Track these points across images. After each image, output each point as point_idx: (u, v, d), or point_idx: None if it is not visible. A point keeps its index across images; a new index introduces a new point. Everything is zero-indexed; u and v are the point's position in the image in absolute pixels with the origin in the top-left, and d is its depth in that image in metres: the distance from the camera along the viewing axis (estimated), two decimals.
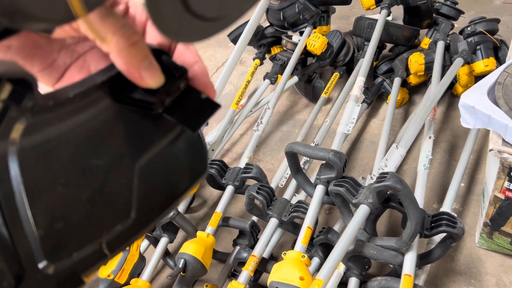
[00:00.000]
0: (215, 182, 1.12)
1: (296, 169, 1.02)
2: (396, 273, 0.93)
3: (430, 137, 1.06)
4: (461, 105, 0.92)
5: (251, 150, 1.17)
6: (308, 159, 1.16)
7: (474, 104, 0.89)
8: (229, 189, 1.06)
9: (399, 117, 1.46)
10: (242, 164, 1.12)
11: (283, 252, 0.85)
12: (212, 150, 1.24)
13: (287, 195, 1.04)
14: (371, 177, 1.05)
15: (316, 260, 0.97)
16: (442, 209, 1.02)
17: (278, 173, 1.22)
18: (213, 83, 0.28)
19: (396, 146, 0.99)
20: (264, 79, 1.48)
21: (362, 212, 0.84)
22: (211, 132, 1.34)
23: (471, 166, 1.25)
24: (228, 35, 1.61)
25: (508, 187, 0.89)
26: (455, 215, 0.87)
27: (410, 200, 0.80)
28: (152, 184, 0.26)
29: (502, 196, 0.91)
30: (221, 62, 1.93)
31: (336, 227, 1.03)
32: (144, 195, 0.25)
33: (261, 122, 1.24)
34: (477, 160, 1.28)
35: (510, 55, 1.13)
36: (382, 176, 0.82)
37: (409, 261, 0.84)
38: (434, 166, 1.27)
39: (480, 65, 1.30)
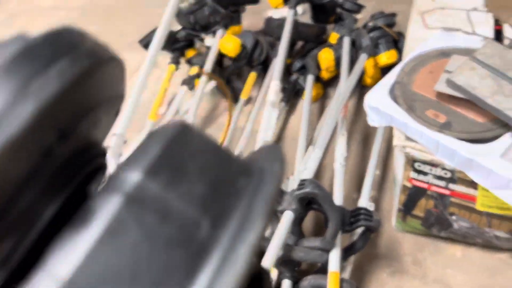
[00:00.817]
0: None
1: None
2: (325, 268, 0.99)
3: (343, 135, 1.13)
4: (367, 106, 0.99)
5: None
6: None
7: (378, 105, 0.96)
8: None
9: (316, 112, 1.52)
10: None
11: None
12: None
13: None
14: (294, 179, 1.10)
15: None
16: (360, 200, 1.09)
17: None
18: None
19: (313, 148, 1.04)
20: (182, 85, 1.47)
21: (287, 218, 0.88)
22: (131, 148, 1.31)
23: (383, 154, 1.35)
24: (139, 42, 1.57)
25: (413, 177, 0.98)
26: (371, 210, 0.94)
27: (329, 203, 0.85)
28: None
29: (409, 185, 1.00)
30: (134, 68, 1.87)
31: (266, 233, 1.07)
32: None
33: None
34: (388, 148, 1.38)
35: (406, 48, 1.22)
36: (302, 183, 0.86)
37: (334, 258, 0.90)
38: (351, 157, 1.35)
39: (382, 58, 1.40)
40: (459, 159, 0.86)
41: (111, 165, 0.68)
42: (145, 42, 1.54)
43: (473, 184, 0.90)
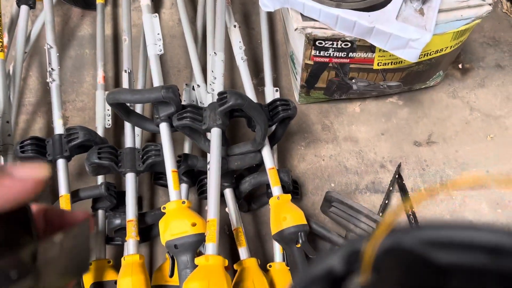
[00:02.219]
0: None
1: (127, 113, 0.93)
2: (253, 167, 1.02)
3: (235, 26, 1.06)
4: None
5: (59, 108, 1.00)
6: None
7: None
8: (61, 163, 0.93)
9: (189, 8, 1.38)
10: (58, 129, 0.96)
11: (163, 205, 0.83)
12: (7, 122, 1.02)
13: (128, 142, 0.96)
14: (197, 85, 1.03)
15: (184, 186, 0.98)
16: (266, 88, 1.10)
17: (99, 113, 1.10)
18: None
19: (215, 53, 0.96)
20: (18, 5, 1.18)
21: (216, 135, 0.85)
22: None
23: (268, 33, 1.32)
24: None
25: (315, 54, 0.99)
26: (287, 99, 0.95)
27: (254, 109, 0.84)
28: None
29: (311, 62, 1.02)
30: None
31: (186, 149, 1.03)
32: None
33: (52, 69, 1.03)
34: (271, 25, 1.35)
35: None
36: (223, 97, 0.82)
37: (268, 156, 0.92)
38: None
39: None
40: (358, 29, 0.88)
41: None
42: None
43: (371, 48, 0.96)
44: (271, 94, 1.08)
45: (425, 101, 1.21)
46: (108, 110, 1.11)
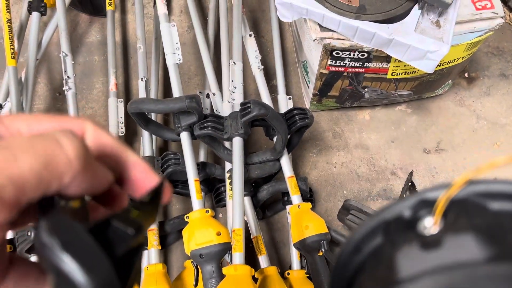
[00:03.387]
0: None
1: (146, 121, 0.93)
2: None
3: (250, 35, 1.07)
4: (277, 3, 0.93)
5: (75, 115, 1.00)
6: None
7: (291, 0, 0.91)
8: None
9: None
10: None
11: (186, 216, 0.84)
12: None
13: (147, 151, 0.96)
14: (213, 94, 1.04)
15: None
16: (279, 96, 1.11)
17: (112, 120, 1.10)
18: None
19: (234, 62, 0.97)
20: (30, 12, 1.17)
21: (238, 144, 0.86)
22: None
23: (280, 42, 1.33)
24: None
25: (331, 64, 1.01)
26: (304, 108, 0.97)
27: (276, 119, 0.85)
28: None
29: (326, 72, 1.04)
30: None
31: (202, 157, 1.04)
32: None
33: (68, 77, 1.03)
34: (281, 33, 1.36)
35: None
36: (246, 107, 0.83)
37: (286, 165, 0.94)
38: None
39: None
40: (377, 41, 0.90)
41: None
42: None
43: (387, 59, 0.97)
44: (284, 102, 1.09)
45: (433, 109, 1.23)
46: (121, 117, 1.11)
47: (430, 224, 0.18)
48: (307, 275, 0.90)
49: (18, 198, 0.18)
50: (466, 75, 1.28)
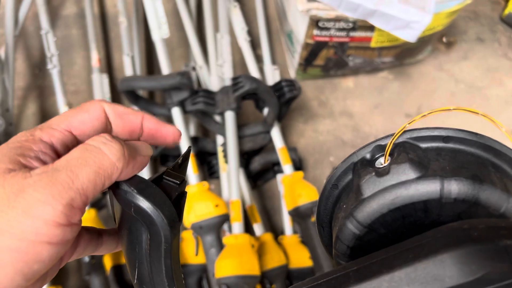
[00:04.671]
0: None
1: (136, 98, 0.93)
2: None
3: (235, 6, 1.06)
4: None
5: (64, 94, 0.99)
6: None
7: None
8: None
9: None
10: None
11: None
12: (7, 110, 1.00)
13: None
14: (200, 67, 1.04)
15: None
16: (265, 67, 1.12)
17: (98, 97, 1.09)
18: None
19: (221, 35, 0.97)
20: None
21: (231, 118, 0.88)
22: None
23: (263, 11, 1.33)
24: None
25: (317, 34, 1.02)
26: (292, 79, 0.98)
27: (267, 93, 0.86)
28: None
29: (312, 41, 1.05)
30: None
31: (192, 131, 1.05)
32: None
33: (51, 54, 1.01)
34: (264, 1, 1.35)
35: None
36: (238, 82, 0.84)
37: (277, 136, 0.96)
38: None
39: None
40: (362, 11, 0.91)
41: None
42: None
43: (371, 28, 0.99)
44: (271, 73, 1.11)
45: (414, 75, 1.27)
46: (107, 93, 1.10)
47: (382, 160, 0.26)
48: (301, 239, 0.95)
49: (84, 203, 0.23)
50: (444, 40, 1.31)
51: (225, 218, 0.82)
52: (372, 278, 0.20)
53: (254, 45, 1.29)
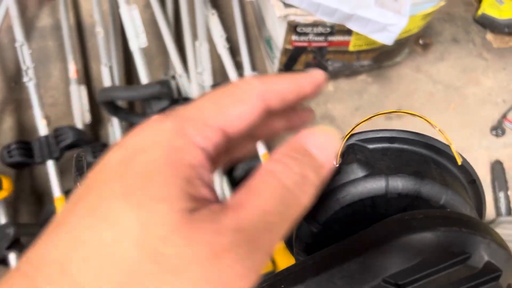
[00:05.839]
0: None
1: (115, 109, 0.92)
2: None
3: (213, 14, 1.06)
4: None
5: (41, 107, 0.97)
6: None
7: None
8: (50, 165, 0.90)
9: None
10: (42, 130, 0.94)
11: None
12: None
13: (119, 137, 0.96)
14: (179, 75, 1.03)
15: None
16: (245, 73, 1.12)
17: (76, 109, 1.08)
18: None
19: (200, 43, 0.97)
20: None
21: None
22: None
23: (241, 17, 1.33)
24: None
25: (295, 39, 1.02)
26: None
27: None
28: None
29: (291, 47, 1.05)
30: None
31: None
32: None
33: (27, 67, 0.99)
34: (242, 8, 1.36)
35: None
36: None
37: (260, 142, 0.96)
38: None
39: None
40: (339, 15, 0.92)
41: None
42: None
43: (348, 32, 1.00)
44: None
45: (393, 77, 1.29)
46: (85, 105, 1.09)
47: (334, 162, 0.26)
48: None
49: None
50: (420, 41, 1.33)
51: None
52: (327, 269, 0.22)
53: (234, 52, 1.29)
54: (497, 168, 1.18)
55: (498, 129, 1.22)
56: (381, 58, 1.18)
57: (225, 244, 0.15)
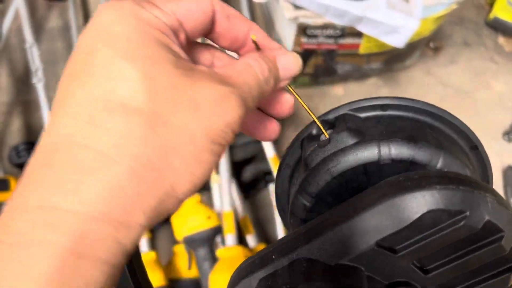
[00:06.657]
0: None
1: None
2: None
3: None
4: None
5: (49, 108, 0.97)
6: None
7: None
8: None
9: None
10: None
11: None
12: None
13: None
14: None
15: None
16: None
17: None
18: None
19: None
20: None
21: None
22: None
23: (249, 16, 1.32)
24: None
25: (305, 41, 1.01)
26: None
27: None
28: None
29: (300, 49, 1.05)
30: None
31: None
32: None
33: (36, 68, 0.99)
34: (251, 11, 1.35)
35: None
36: None
37: (268, 145, 0.95)
38: None
39: None
40: (350, 17, 0.91)
41: None
42: None
43: (359, 34, 0.99)
44: None
45: (403, 81, 1.27)
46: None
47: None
48: None
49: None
50: (431, 45, 1.32)
51: (218, 230, 0.80)
52: (318, 236, 0.21)
53: None
54: (509, 173, 1.16)
55: (510, 134, 1.20)
56: (392, 61, 1.16)
57: (228, 92, 0.20)
